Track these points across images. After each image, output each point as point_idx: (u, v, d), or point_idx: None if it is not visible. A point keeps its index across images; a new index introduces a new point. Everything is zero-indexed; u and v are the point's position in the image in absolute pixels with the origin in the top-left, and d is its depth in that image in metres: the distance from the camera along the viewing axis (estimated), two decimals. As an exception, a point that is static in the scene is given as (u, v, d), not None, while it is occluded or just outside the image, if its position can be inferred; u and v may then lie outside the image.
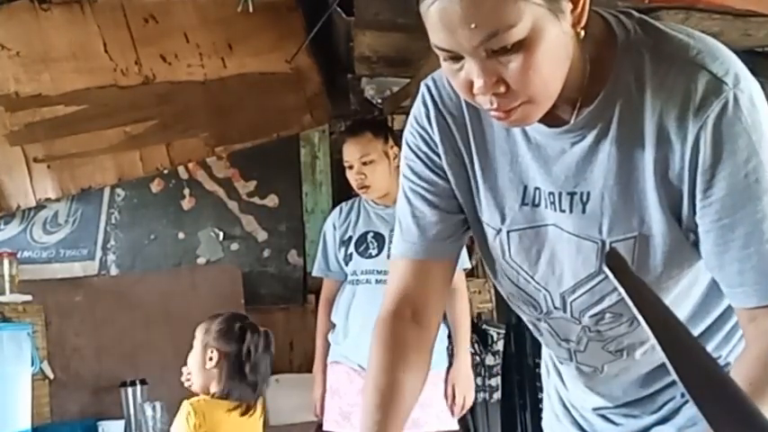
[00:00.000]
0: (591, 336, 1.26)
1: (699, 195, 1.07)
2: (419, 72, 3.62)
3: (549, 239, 1.20)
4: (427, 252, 1.28)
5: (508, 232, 1.22)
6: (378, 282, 3.12)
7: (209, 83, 4.03)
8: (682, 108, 1.05)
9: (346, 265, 3.22)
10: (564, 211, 1.16)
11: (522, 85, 1.00)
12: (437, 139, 1.25)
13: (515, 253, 1.24)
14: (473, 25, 0.95)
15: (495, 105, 1.03)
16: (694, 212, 1.10)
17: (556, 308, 1.25)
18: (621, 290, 0.73)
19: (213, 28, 4.00)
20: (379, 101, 4.10)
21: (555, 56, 1.00)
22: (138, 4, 3.95)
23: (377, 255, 3.15)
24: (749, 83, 1.06)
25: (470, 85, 1.02)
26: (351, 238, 3.23)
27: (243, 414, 2.59)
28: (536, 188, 1.19)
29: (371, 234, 3.20)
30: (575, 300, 1.22)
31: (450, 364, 3.10)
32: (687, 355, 0.68)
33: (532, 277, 1.25)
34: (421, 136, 1.26)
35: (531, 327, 1.36)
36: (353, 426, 3.01)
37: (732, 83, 1.04)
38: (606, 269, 0.77)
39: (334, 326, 3.22)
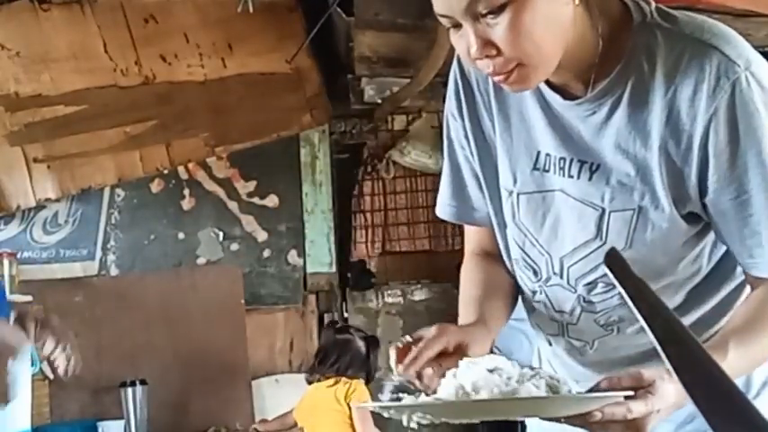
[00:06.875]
0: (584, 306, 1.29)
1: (716, 175, 1.11)
2: (419, 72, 3.62)
3: (555, 204, 1.24)
4: (478, 220, 1.38)
5: (518, 195, 1.27)
6: None
7: (209, 83, 4.03)
8: (695, 89, 1.09)
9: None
10: (572, 177, 1.21)
11: (511, 47, 1.04)
12: (463, 102, 1.31)
13: (523, 215, 1.28)
14: None
15: (491, 69, 1.08)
16: (700, 193, 1.13)
17: (555, 273, 1.29)
18: (621, 289, 0.73)
19: (213, 28, 4.00)
20: (379, 101, 4.10)
21: (546, 20, 1.05)
22: (138, 5, 3.95)
23: None
24: (760, 67, 1.10)
25: (469, 50, 1.07)
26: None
27: None
28: (547, 154, 1.23)
29: None
30: (572, 265, 1.26)
31: None
32: (687, 354, 0.69)
33: (537, 240, 1.29)
34: (454, 100, 1.33)
35: (526, 303, 1.39)
36: None
37: (744, 65, 1.08)
38: (606, 269, 0.77)
39: None
